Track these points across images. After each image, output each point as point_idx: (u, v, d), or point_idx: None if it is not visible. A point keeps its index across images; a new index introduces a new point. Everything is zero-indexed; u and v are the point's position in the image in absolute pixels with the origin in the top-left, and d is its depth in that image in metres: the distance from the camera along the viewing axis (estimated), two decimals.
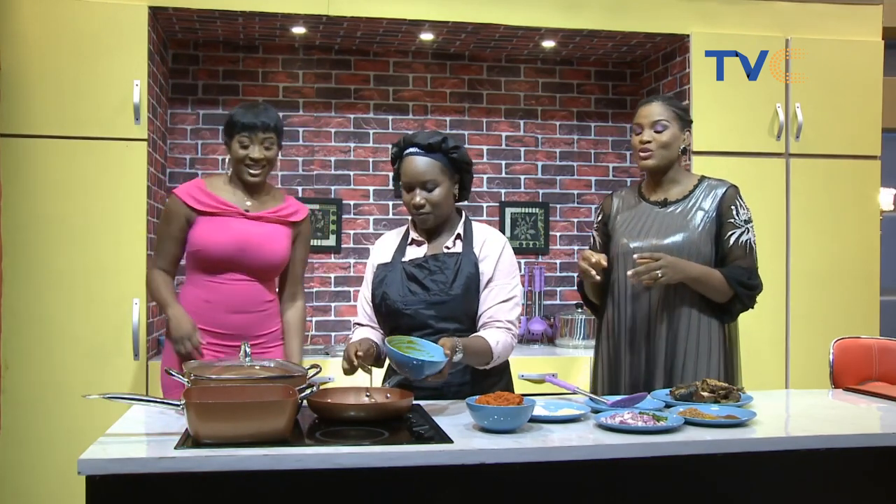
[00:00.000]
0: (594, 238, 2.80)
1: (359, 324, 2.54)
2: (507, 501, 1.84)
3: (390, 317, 2.42)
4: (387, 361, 2.47)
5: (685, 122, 2.65)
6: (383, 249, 2.54)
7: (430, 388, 2.35)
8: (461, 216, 2.52)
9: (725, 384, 2.30)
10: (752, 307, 2.60)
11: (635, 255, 2.47)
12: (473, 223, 2.52)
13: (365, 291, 2.53)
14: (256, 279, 2.83)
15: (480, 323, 2.40)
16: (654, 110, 2.61)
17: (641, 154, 2.62)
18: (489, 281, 2.40)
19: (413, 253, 2.48)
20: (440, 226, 2.47)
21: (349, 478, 1.75)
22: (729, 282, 2.52)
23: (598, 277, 2.50)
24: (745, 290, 2.54)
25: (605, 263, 2.50)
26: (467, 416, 2.03)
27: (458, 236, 2.46)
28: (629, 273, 2.46)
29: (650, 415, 2.02)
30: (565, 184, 4.47)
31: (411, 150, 2.41)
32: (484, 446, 1.82)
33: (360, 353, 2.22)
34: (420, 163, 2.38)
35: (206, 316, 2.78)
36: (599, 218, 2.79)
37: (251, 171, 2.80)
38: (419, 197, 2.38)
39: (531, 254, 4.43)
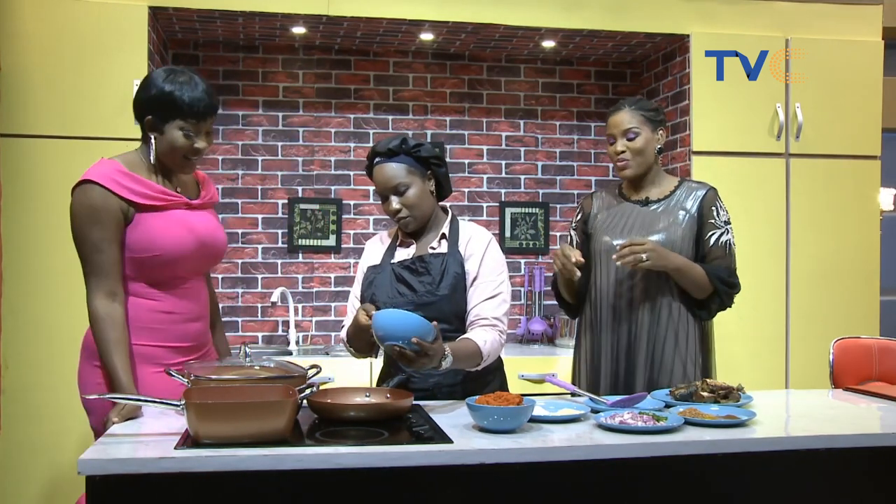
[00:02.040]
0: (571, 237, 2.81)
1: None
2: (507, 501, 1.84)
3: None
4: (377, 365, 2.47)
5: (656, 122, 2.66)
6: (373, 251, 2.55)
7: (423, 389, 2.35)
8: (447, 215, 2.52)
9: (725, 384, 2.30)
10: (730, 306, 2.62)
11: (617, 243, 2.51)
12: (461, 222, 2.52)
13: (356, 292, 2.54)
14: (203, 278, 2.42)
15: (468, 321, 2.39)
16: (623, 119, 2.62)
17: (619, 164, 2.65)
18: (475, 279, 2.40)
19: (402, 254, 2.48)
20: (425, 226, 2.48)
21: (349, 478, 1.75)
22: (710, 277, 2.54)
23: (578, 274, 2.50)
24: (725, 286, 2.56)
25: (582, 260, 2.50)
26: (467, 416, 2.03)
27: (444, 236, 2.46)
28: (614, 256, 2.48)
29: (650, 415, 2.02)
30: (565, 184, 4.47)
31: (377, 160, 2.43)
32: (484, 446, 1.82)
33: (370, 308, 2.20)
34: (386, 169, 2.40)
35: (168, 330, 2.27)
36: (579, 217, 2.80)
37: (191, 163, 2.30)
38: (395, 203, 2.40)
39: (531, 254, 4.43)
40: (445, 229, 2.47)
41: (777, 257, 3.89)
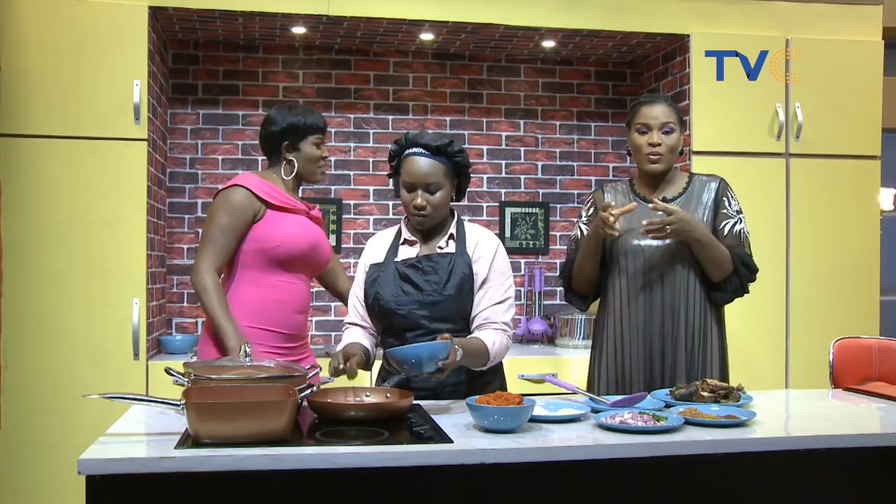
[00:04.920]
0: (580, 229, 2.75)
1: (351, 323, 2.53)
2: (507, 501, 1.84)
3: (383, 317, 2.41)
4: (376, 365, 2.48)
5: (684, 123, 2.67)
6: (375, 249, 2.53)
7: (426, 389, 2.34)
8: (453, 216, 2.51)
9: (725, 384, 2.30)
10: (747, 292, 2.62)
11: (637, 244, 2.51)
12: (465, 223, 2.51)
13: (357, 290, 2.52)
14: (310, 280, 2.82)
15: (476, 324, 2.39)
16: (662, 112, 2.60)
17: (651, 157, 2.61)
18: (484, 282, 2.40)
19: (406, 253, 2.47)
20: (435, 226, 2.46)
21: (349, 478, 1.75)
22: (732, 257, 2.55)
23: (617, 232, 2.48)
24: (746, 270, 2.57)
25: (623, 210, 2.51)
26: (467, 416, 2.03)
27: (451, 236, 2.46)
28: (644, 223, 2.47)
29: (650, 415, 2.02)
30: (565, 184, 4.47)
31: (416, 150, 2.38)
32: (484, 446, 1.82)
33: (349, 364, 2.22)
34: (425, 164, 2.36)
35: (275, 316, 2.66)
36: (591, 211, 2.76)
37: (322, 170, 2.83)
38: (420, 199, 2.37)
39: (531, 254, 4.43)
40: (453, 230, 2.47)
41: (777, 257, 3.89)
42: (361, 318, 2.50)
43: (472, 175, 2.51)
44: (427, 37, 4.02)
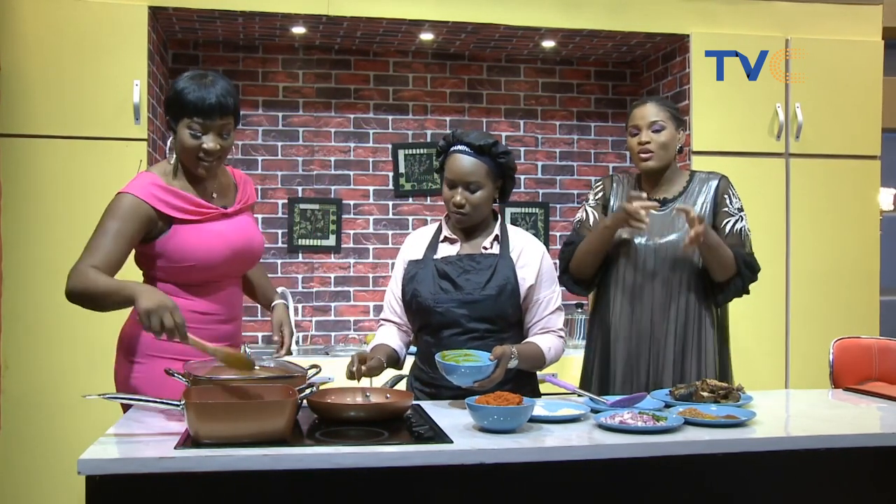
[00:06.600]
0: (587, 212, 2.74)
1: (385, 319, 2.54)
2: (507, 501, 1.84)
3: (420, 314, 2.42)
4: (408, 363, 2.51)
5: (680, 121, 2.66)
6: (414, 246, 2.52)
7: (455, 388, 2.27)
8: (496, 218, 2.51)
9: (725, 384, 2.30)
10: (747, 292, 2.62)
11: (638, 241, 2.53)
12: (508, 226, 2.52)
13: (394, 287, 2.52)
14: (238, 280, 2.45)
15: (534, 332, 2.44)
16: (651, 111, 2.61)
17: (642, 156, 2.62)
18: (536, 291, 2.42)
19: (445, 250, 2.46)
20: (476, 225, 2.46)
21: (349, 478, 1.75)
22: (736, 259, 2.55)
23: (646, 226, 2.43)
24: (748, 270, 2.58)
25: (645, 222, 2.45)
26: (467, 416, 2.03)
27: (496, 238, 2.46)
28: (690, 234, 2.40)
29: (650, 415, 2.02)
30: (565, 184, 4.47)
31: (460, 147, 2.39)
32: (484, 446, 1.82)
33: (363, 369, 2.23)
34: (467, 163, 2.37)
35: (202, 330, 2.26)
36: (599, 196, 2.76)
37: (204, 164, 2.26)
38: (460, 196, 2.38)
39: None
40: (497, 231, 2.47)
41: (777, 257, 3.89)
42: (396, 315, 2.51)
43: (514, 181, 2.51)
44: (427, 37, 4.03)
